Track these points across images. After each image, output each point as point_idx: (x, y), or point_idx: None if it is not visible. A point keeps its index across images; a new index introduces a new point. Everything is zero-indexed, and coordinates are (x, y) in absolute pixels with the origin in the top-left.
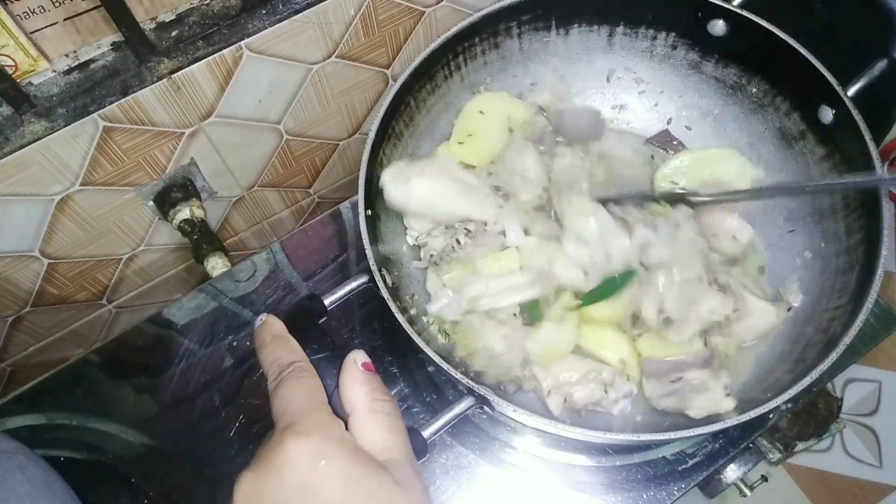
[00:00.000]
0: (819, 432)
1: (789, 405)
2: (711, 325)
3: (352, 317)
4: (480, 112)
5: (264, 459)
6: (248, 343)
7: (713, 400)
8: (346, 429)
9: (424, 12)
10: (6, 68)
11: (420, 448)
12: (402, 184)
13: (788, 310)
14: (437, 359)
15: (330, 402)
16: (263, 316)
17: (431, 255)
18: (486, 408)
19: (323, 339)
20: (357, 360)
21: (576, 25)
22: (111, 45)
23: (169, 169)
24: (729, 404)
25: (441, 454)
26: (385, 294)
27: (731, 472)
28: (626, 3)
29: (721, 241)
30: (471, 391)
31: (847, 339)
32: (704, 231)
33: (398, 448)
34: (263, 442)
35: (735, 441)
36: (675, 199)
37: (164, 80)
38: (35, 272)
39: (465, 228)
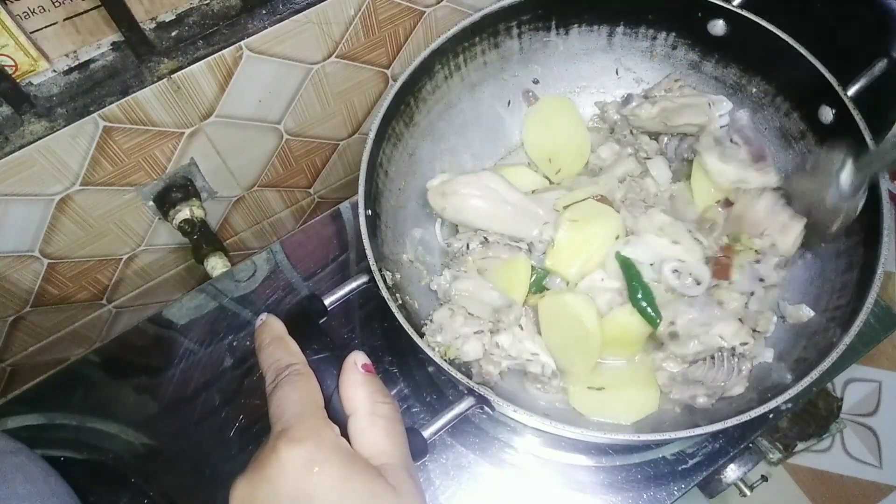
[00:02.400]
0: (819, 432)
1: (789, 405)
2: (715, 350)
3: (352, 317)
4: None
5: (258, 466)
6: (248, 343)
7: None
8: (346, 431)
9: (424, 12)
10: (6, 68)
11: (420, 448)
12: (440, 197)
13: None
14: (436, 359)
15: (330, 404)
16: (264, 316)
17: (449, 254)
18: (486, 408)
19: (323, 339)
20: (357, 361)
21: (576, 25)
22: (111, 45)
23: (169, 169)
24: None
25: (441, 454)
26: (385, 294)
27: (731, 472)
28: (626, 2)
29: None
30: (471, 391)
31: (847, 339)
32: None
33: (395, 452)
34: (259, 446)
35: (735, 441)
36: None
37: (164, 80)
38: (35, 272)
39: (484, 237)
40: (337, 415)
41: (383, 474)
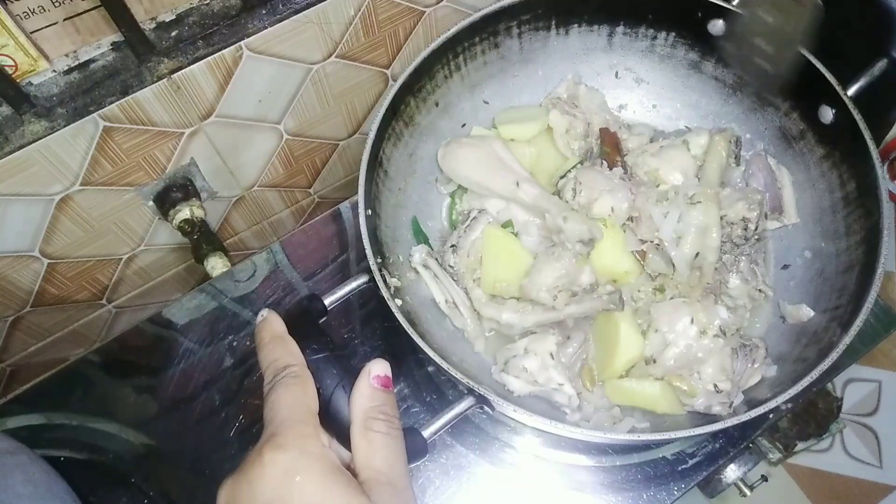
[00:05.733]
0: (819, 432)
1: (789, 405)
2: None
3: (352, 317)
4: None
5: (244, 468)
6: (248, 343)
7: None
8: (347, 437)
9: (424, 12)
10: (6, 68)
11: (420, 448)
12: (443, 149)
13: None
14: (437, 358)
15: (329, 404)
16: (265, 312)
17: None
18: (486, 408)
19: (323, 339)
20: (372, 371)
21: (576, 25)
22: (111, 45)
23: (169, 169)
24: None
25: (441, 454)
26: (385, 294)
27: (731, 472)
28: (626, 2)
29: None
30: (471, 391)
31: (847, 339)
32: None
33: (384, 469)
34: (251, 447)
35: (735, 441)
36: None
37: (164, 80)
38: (35, 272)
39: (478, 210)
40: (338, 415)
41: (367, 490)
